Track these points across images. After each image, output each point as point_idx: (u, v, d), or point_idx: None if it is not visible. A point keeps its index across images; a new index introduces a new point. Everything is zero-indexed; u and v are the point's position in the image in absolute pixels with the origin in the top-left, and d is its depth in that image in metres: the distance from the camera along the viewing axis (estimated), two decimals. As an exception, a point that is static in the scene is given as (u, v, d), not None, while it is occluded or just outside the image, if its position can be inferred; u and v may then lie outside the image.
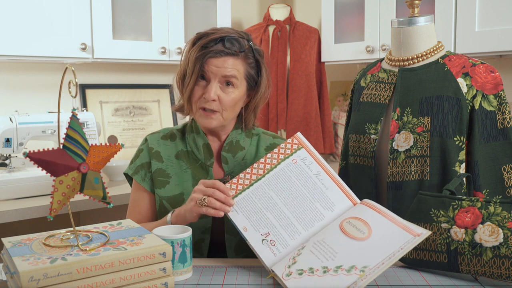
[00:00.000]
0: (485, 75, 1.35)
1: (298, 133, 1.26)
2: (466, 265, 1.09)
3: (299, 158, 1.22)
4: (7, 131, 1.92)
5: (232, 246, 1.34)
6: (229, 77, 1.30)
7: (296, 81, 2.69)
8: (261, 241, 1.15)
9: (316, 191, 1.19)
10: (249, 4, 3.14)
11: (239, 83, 1.32)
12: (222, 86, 1.31)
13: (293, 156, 1.22)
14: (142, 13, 2.41)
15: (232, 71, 1.30)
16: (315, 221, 1.16)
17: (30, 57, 2.10)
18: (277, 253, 1.13)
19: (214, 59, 1.29)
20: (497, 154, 1.34)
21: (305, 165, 1.21)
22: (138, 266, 0.97)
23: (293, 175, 1.21)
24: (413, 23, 1.41)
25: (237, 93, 1.33)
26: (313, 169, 1.20)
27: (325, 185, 1.19)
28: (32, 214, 1.82)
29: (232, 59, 1.30)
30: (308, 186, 1.19)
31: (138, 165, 1.41)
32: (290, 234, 1.14)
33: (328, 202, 1.18)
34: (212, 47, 1.29)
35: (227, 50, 1.29)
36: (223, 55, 1.29)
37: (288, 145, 1.24)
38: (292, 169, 1.21)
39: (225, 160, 1.38)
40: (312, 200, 1.18)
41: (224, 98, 1.31)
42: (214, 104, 1.30)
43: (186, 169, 1.38)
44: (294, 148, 1.23)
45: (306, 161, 1.21)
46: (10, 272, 0.97)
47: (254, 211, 1.18)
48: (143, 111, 2.70)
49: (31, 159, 0.91)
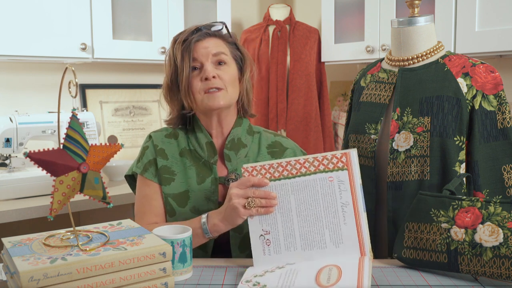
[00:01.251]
0: (485, 75, 1.35)
1: (353, 152, 1.14)
2: (466, 265, 1.09)
3: (337, 178, 1.13)
4: (7, 131, 1.92)
5: (236, 244, 1.35)
6: (219, 54, 1.35)
7: (296, 81, 2.69)
8: (259, 236, 1.16)
9: (333, 220, 1.12)
10: (249, 4, 3.14)
11: (230, 60, 1.38)
12: (216, 66, 1.35)
13: (333, 174, 1.14)
14: (142, 13, 2.41)
15: (219, 48, 1.36)
16: (316, 246, 1.12)
17: (30, 57, 2.10)
18: (267, 254, 1.14)
19: (199, 42, 1.35)
20: (497, 154, 1.34)
21: (338, 189, 1.13)
22: (138, 266, 0.97)
23: (321, 192, 1.14)
24: (413, 23, 1.41)
25: (232, 70, 1.37)
26: (343, 197, 1.13)
27: (345, 219, 1.12)
28: (32, 214, 1.82)
29: (214, 39, 1.37)
30: (329, 211, 1.13)
31: (146, 163, 1.41)
32: (287, 245, 1.14)
33: (338, 236, 1.12)
34: (192, 36, 1.35)
35: (207, 32, 1.37)
36: (206, 36, 1.36)
37: (335, 159, 1.14)
38: (323, 186, 1.14)
39: (228, 158, 1.39)
40: (324, 225, 1.13)
41: (222, 75, 1.34)
42: (216, 81, 1.33)
43: (190, 166, 1.39)
44: (339, 166, 1.14)
45: (342, 185, 1.13)
46: (10, 272, 0.97)
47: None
48: (143, 111, 2.70)
49: (31, 159, 0.91)
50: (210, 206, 1.34)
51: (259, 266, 1.14)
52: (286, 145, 1.45)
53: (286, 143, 1.46)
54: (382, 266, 1.21)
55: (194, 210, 1.35)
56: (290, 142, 1.47)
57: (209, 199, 1.35)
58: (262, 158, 1.41)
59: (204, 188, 1.36)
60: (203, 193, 1.35)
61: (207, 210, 1.33)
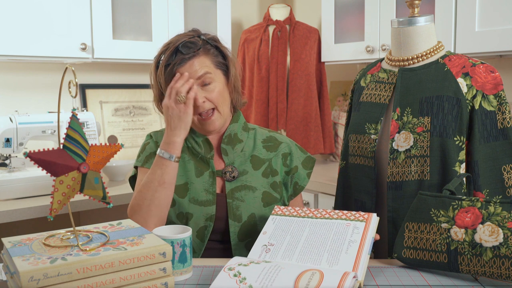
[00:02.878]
0: (485, 75, 1.35)
1: (375, 215, 1.22)
2: (466, 265, 1.09)
3: (353, 226, 1.20)
4: (7, 131, 1.92)
5: (235, 232, 1.37)
6: (203, 76, 1.36)
7: (296, 81, 2.69)
8: (262, 245, 1.18)
9: (336, 248, 1.14)
10: (249, 4, 3.14)
11: (215, 75, 1.38)
12: (202, 88, 1.37)
13: (351, 222, 1.21)
14: (142, 13, 2.41)
15: (202, 69, 1.36)
16: (310, 261, 1.12)
17: (30, 57, 2.10)
18: (262, 258, 1.14)
19: (181, 68, 1.35)
20: (497, 154, 1.34)
21: (351, 232, 1.18)
22: (138, 266, 0.97)
23: (335, 230, 1.19)
24: (413, 23, 1.41)
25: (218, 85, 1.38)
26: (353, 236, 1.17)
27: (348, 250, 1.13)
28: (32, 214, 1.82)
29: (196, 60, 1.36)
30: (336, 243, 1.16)
31: (147, 155, 1.45)
32: (284, 256, 1.14)
33: (335, 260, 1.12)
34: (173, 60, 1.35)
35: (187, 55, 1.35)
36: (187, 60, 1.35)
37: (357, 214, 1.22)
38: (339, 227, 1.20)
39: (225, 152, 1.43)
40: (326, 250, 1.14)
41: (210, 96, 1.37)
42: (206, 104, 1.36)
43: (189, 161, 1.43)
44: (359, 219, 1.21)
45: (355, 230, 1.18)
46: (10, 272, 0.97)
47: (283, 230, 1.21)
48: (143, 111, 2.70)
49: (31, 159, 0.91)
50: (208, 197, 1.38)
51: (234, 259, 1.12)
52: (280, 140, 1.49)
53: (281, 138, 1.50)
54: (382, 266, 1.21)
55: (193, 201, 1.38)
56: (285, 138, 1.51)
57: (208, 190, 1.39)
58: (258, 152, 1.45)
59: (203, 181, 1.40)
60: (202, 185, 1.39)
61: (205, 200, 1.37)
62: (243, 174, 1.41)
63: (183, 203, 1.38)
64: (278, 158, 1.45)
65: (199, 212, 1.36)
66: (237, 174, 1.41)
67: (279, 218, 1.26)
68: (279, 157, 1.46)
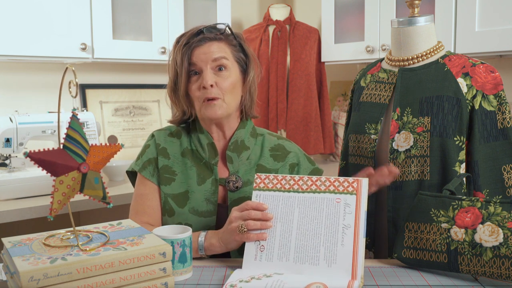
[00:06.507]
0: (485, 75, 1.35)
1: (364, 180, 1.15)
2: (466, 265, 1.09)
3: (344, 201, 1.14)
4: (7, 131, 1.92)
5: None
6: (219, 59, 1.32)
7: (296, 81, 2.69)
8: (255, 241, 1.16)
9: (331, 239, 1.11)
10: (249, 4, 3.14)
11: (231, 65, 1.34)
12: (216, 72, 1.32)
13: (341, 196, 1.15)
14: (142, 13, 2.41)
15: (219, 53, 1.32)
16: (308, 262, 1.11)
17: (30, 57, 2.10)
18: (258, 259, 1.13)
19: (199, 48, 1.32)
20: (497, 154, 1.34)
21: (343, 211, 1.13)
22: (138, 266, 0.97)
23: (326, 211, 1.14)
24: (413, 23, 1.41)
25: (233, 75, 1.34)
26: (346, 219, 1.12)
27: (343, 241, 1.11)
28: (32, 214, 1.82)
29: (216, 43, 1.33)
30: (329, 229, 1.12)
31: (146, 161, 1.40)
32: (280, 255, 1.13)
33: (332, 256, 1.10)
34: (193, 40, 1.32)
35: (209, 36, 1.32)
36: (207, 41, 1.32)
37: (346, 182, 1.15)
38: (329, 206, 1.15)
39: (230, 160, 1.38)
40: (321, 242, 1.12)
41: (221, 83, 1.32)
42: (213, 90, 1.30)
43: (191, 167, 1.38)
44: (348, 190, 1.15)
45: (347, 208, 1.13)
46: (10, 272, 0.97)
47: (271, 212, 1.17)
48: (143, 111, 2.70)
49: (32, 159, 0.91)
50: (209, 207, 1.34)
51: (247, 270, 1.13)
52: (289, 149, 1.44)
53: (289, 147, 1.44)
54: (382, 266, 1.21)
55: (193, 211, 1.34)
56: (294, 146, 1.46)
57: (209, 200, 1.34)
58: (265, 161, 1.40)
59: (204, 189, 1.35)
60: (203, 194, 1.35)
61: (206, 211, 1.33)
62: (247, 184, 1.36)
63: (182, 213, 1.34)
64: (285, 168, 1.40)
65: (199, 223, 1.33)
66: (240, 184, 1.35)
67: (263, 194, 1.19)
68: (286, 168, 1.40)
